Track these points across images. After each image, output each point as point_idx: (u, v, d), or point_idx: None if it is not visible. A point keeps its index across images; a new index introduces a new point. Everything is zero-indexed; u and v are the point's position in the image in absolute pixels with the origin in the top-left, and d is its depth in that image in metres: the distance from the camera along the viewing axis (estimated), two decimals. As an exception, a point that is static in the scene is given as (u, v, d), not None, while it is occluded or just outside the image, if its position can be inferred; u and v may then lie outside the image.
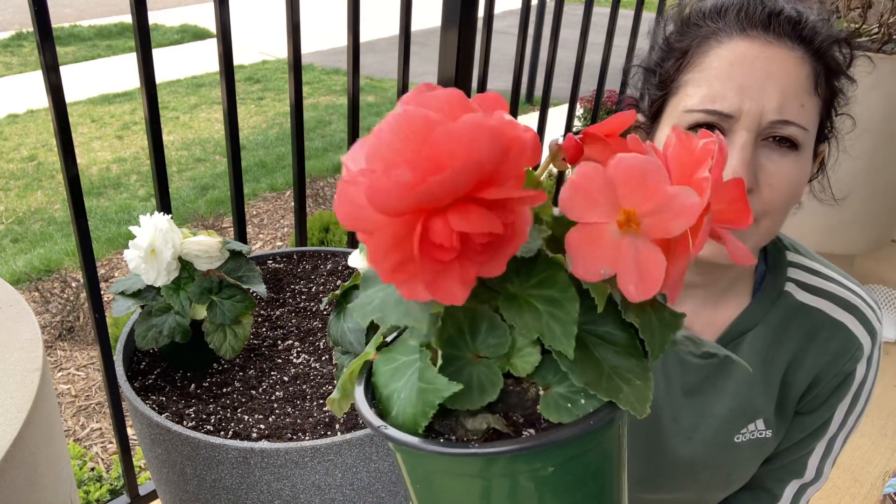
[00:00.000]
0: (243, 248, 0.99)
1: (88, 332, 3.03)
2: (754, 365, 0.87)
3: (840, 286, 0.87)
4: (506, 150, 0.27)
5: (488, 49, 1.76)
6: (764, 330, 0.86)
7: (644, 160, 0.31)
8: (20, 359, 0.87)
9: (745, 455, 0.91)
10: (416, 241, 0.26)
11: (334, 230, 2.92)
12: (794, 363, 0.87)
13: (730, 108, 0.71)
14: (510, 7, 8.01)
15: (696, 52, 0.75)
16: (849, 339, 0.85)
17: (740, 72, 0.71)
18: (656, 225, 0.30)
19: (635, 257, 0.31)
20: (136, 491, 1.62)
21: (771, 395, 0.88)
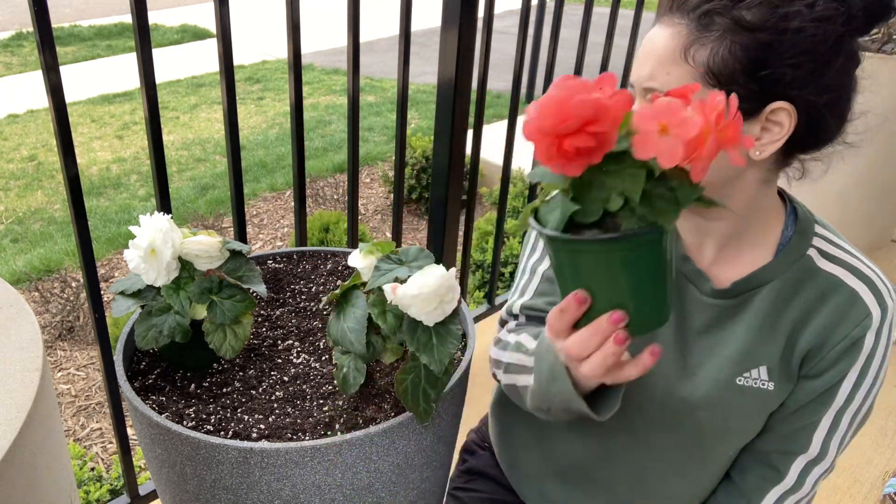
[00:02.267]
0: (243, 247, 0.99)
1: (88, 332, 3.04)
2: (764, 315, 0.92)
3: (859, 261, 0.93)
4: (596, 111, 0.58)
5: (488, 49, 1.77)
6: (779, 285, 0.92)
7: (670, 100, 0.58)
8: (20, 359, 0.87)
9: (745, 402, 0.94)
10: (554, 150, 0.60)
11: (334, 230, 2.92)
12: (802, 320, 0.92)
13: (631, 80, 0.88)
14: (510, 7, 8.01)
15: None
16: (860, 305, 0.90)
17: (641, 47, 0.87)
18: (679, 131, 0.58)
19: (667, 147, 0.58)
20: (136, 491, 1.63)
21: (776, 347, 0.92)
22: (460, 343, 0.88)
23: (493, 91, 6.56)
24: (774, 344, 0.93)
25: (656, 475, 1.03)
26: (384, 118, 5.88)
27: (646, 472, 1.03)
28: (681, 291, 0.95)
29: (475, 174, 1.97)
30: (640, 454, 1.02)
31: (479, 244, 3.34)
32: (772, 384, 0.93)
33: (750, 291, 0.93)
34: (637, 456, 1.03)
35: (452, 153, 1.79)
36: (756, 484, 0.99)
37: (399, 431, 0.85)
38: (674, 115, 0.57)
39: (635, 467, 1.03)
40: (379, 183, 4.72)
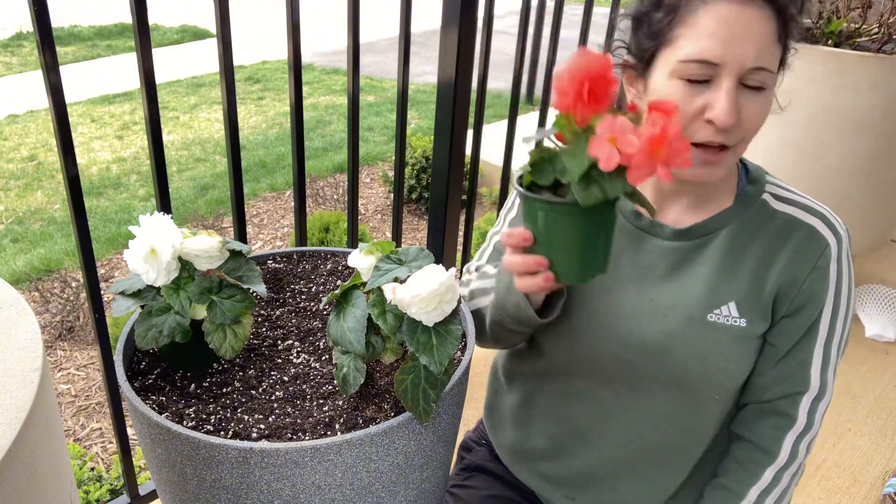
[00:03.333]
0: (243, 247, 0.99)
1: (88, 332, 3.04)
2: (726, 254, 1.00)
3: (810, 200, 1.02)
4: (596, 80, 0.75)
5: (488, 49, 1.77)
6: (738, 227, 1.01)
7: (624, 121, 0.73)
8: (20, 359, 0.87)
9: (720, 339, 0.99)
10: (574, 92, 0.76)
11: (334, 230, 2.92)
12: (766, 259, 0.99)
13: (717, 59, 0.88)
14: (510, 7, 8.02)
15: (685, 8, 0.91)
16: (817, 237, 0.98)
17: (725, 29, 0.88)
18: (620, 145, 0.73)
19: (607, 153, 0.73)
20: (136, 491, 1.63)
21: (741, 284, 0.99)
22: (460, 343, 0.88)
23: (493, 91, 6.57)
24: (739, 281, 0.99)
25: (648, 427, 1.06)
26: (384, 118, 5.88)
27: (638, 426, 1.07)
28: (639, 243, 1.03)
29: (475, 174, 1.97)
30: (629, 406, 1.06)
31: (479, 244, 3.34)
32: (743, 320, 0.99)
33: (710, 234, 1.01)
34: (627, 408, 1.06)
35: (452, 153, 1.79)
36: (771, 434, 1.03)
37: (399, 431, 0.85)
38: (621, 133, 0.72)
39: (626, 421, 1.07)
40: (379, 183, 4.72)
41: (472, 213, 2.00)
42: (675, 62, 0.91)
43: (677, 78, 0.91)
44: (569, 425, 1.12)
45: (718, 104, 0.89)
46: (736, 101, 0.89)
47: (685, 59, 0.90)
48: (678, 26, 0.91)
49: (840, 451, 2.08)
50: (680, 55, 0.90)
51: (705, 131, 0.91)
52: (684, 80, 0.91)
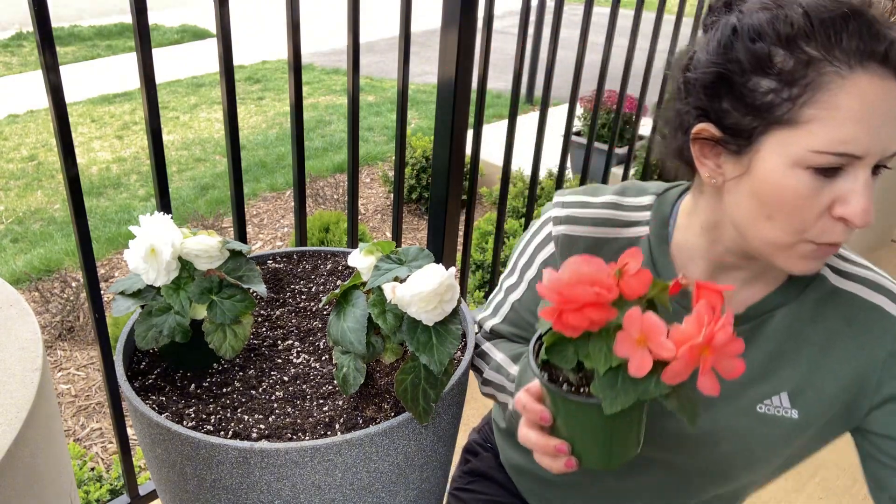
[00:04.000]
0: (243, 247, 0.99)
1: (88, 332, 3.04)
2: (781, 339, 0.89)
3: (871, 271, 0.90)
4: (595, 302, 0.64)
5: (488, 49, 1.77)
6: (797, 308, 0.89)
7: (656, 320, 0.63)
8: (20, 359, 0.87)
9: (769, 431, 0.90)
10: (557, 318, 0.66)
11: (334, 230, 2.92)
12: (827, 345, 0.88)
13: (861, 150, 0.72)
14: (510, 7, 8.02)
15: (817, 83, 0.72)
16: (887, 318, 0.86)
17: (870, 114, 0.71)
18: (652, 348, 0.63)
19: (638, 357, 0.63)
20: (136, 491, 1.63)
21: (798, 372, 0.89)
22: (460, 343, 0.88)
23: (493, 91, 6.57)
24: (794, 369, 0.89)
25: (673, 492, 1.01)
26: (384, 118, 5.88)
27: (663, 490, 1.01)
28: None
29: (475, 174, 1.97)
30: (659, 475, 1.00)
31: (479, 244, 3.34)
32: (795, 412, 0.89)
33: (764, 315, 0.89)
34: (656, 475, 1.00)
35: (452, 153, 1.79)
36: None
37: (399, 431, 0.85)
38: (653, 334, 0.62)
39: (653, 485, 1.01)
40: (379, 183, 4.72)
41: (472, 213, 2.00)
42: (806, 151, 0.73)
43: (803, 168, 0.74)
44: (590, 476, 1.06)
45: (857, 201, 0.74)
46: (872, 195, 0.75)
47: (822, 151, 0.72)
48: (809, 106, 0.72)
49: (840, 451, 2.07)
50: (814, 144, 0.72)
51: (835, 231, 0.76)
52: (812, 172, 0.73)
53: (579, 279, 0.64)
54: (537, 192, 3.65)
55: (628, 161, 2.63)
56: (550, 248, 0.99)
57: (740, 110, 0.76)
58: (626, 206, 0.97)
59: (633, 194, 0.98)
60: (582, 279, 0.64)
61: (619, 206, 0.97)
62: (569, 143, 2.22)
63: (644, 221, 0.95)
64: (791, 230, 0.76)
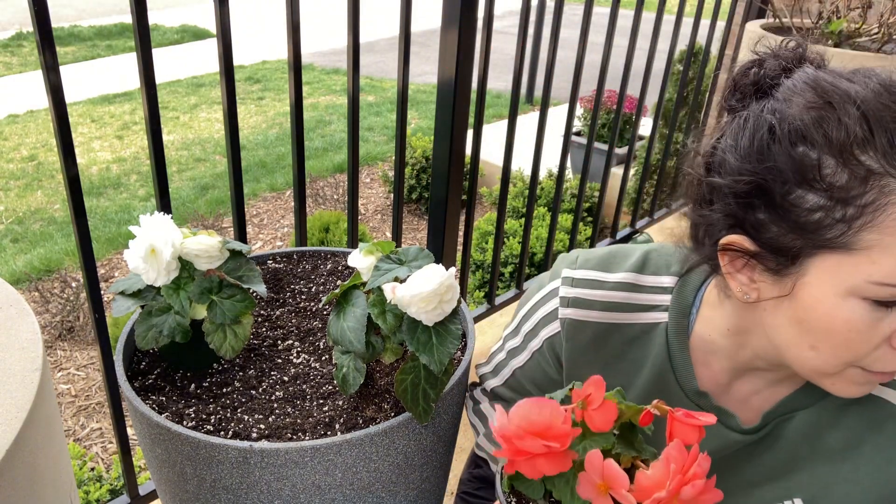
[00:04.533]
0: (243, 247, 0.99)
1: (88, 332, 3.04)
2: (798, 444, 0.81)
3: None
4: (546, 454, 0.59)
5: (488, 49, 1.77)
6: (818, 412, 0.80)
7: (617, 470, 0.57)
8: (20, 359, 0.87)
9: None
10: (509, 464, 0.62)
11: (334, 230, 2.92)
12: (854, 453, 0.79)
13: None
14: (510, 7, 8.01)
15: (874, 205, 0.61)
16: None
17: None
18: (617, 498, 0.57)
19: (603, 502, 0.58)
20: (136, 491, 1.63)
21: (815, 479, 0.81)
22: (460, 343, 0.88)
23: (493, 91, 6.57)
24: (813, 475, 0.81)
25: None
26: (384, 118, 5.88)
27: None
28: None
29: (475, 174, 1.97)
30: None
31: (479, 244, 3.34)
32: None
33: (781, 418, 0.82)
34: None
35: (452, 153, 1.79)
36: None
37: (399, 431, 0.85)
38: (614, 485, 0.57)
39: None
40: (379, 183, 4.72)
41: (472, 213, 2.00)
42: (865, 282, 0.62)
43: (860, 299, 0.64)
44: None
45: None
46: None
47: (885, 283, 0.62)
48: (869, 230, 0.61)
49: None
50: (875, 275, 0.62)
51: (890, 360, 0.66)
52: (870, 303, 0.63)
53: (528, 429, 0.58)
54: (537, 192, 3.65)
55: (628, 161, 2.63)
56: (556, 326, 0.90)
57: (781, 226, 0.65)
58: (644, 287, 0.86)
59: (653, 271, 0.87)
60: (532, 429, 0.58)
61: (637, 286, 0.86)
62: (569, 143, 2.22)
63: (663, 306, 0.84)
64: (840, 362, 0.68)
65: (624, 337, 0.86)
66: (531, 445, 0.58)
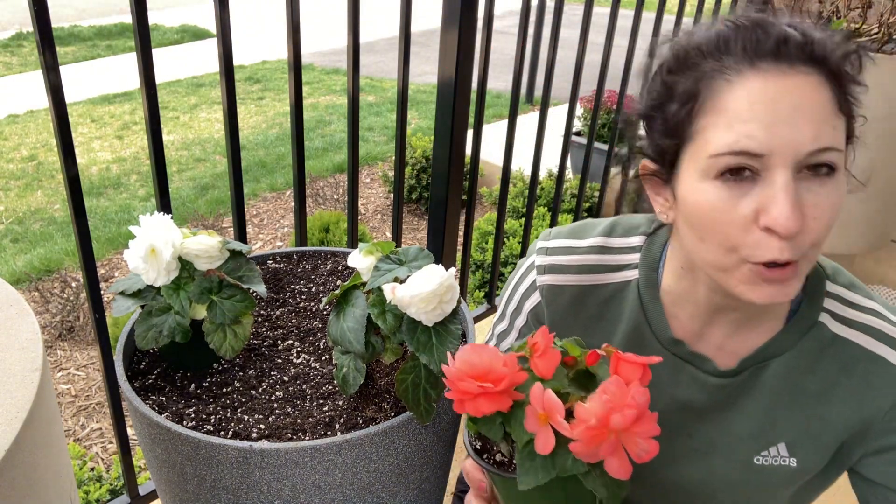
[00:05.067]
0: (243, 247, 0.99)
1: (88, 332, 3.04)
2: (777, 390, 0.85)
3: (879, 318, 0.84)
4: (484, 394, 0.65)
5: (488, 49, 1.77)
6: (793, 357, 0.85)
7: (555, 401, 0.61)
8: (20, 359, 0.87)
9: (766, 480, 0.88)
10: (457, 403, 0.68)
11: (334, 230, 2.92)
12: (828, 395, 0.84)
13: (759, 147, 0.68)
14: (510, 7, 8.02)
15: (706, 93, 0.72)
16: (890, 370, 0.82)
17: (763, 109, 0.69)
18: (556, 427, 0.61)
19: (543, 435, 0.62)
20: (136, 491, 1.63)
21: (796, 423, 0.86)
22: (460, 343, 0.88)
23: (493, 91, 6.57)
24: (792, 421, 0.86)
25: None
26: (384, 118, 5.88)
27: None
28: (676, 374, 0.89)
29: (475, 174, 1.97)
30: None
31: (479, 244, 3.34)
32: (794, 460, 0.87)
33: (758, 365, 0.86)
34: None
35: (452, 153, 1.79)
36: None
37: (399, 431, 0.85)
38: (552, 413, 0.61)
39: None
40: (379, 183, 4.72)
41: (472, 213, 2.00)
42: (705, 159, 0.72)
43: (711, 179, 0.72)
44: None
45: (774, 206, 0.68)
46: (797, 198, 0.69)
47: (718, 153, 0.70)
48: (701, 115, 0.72)
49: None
50: (710, 150, 0.71)
51: (767, 245, 0.70)
52: (722, 181, 0.71)
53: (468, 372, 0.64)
54: (537, 192, 3.65)
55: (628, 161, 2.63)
56: (537, 296, 0.96)
57: (661, 136, 0.77)
58: (614, 248, 0.93)
59: (621, 233, 0.94)
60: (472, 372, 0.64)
61: (607, 248, 0.93)
62: (569, 143, 2.22)
63: (633, 264, 0.91)
64: (721, 249, 0.73)
65: (600, 297, 0.92)
66: (468, 386, 0.64)
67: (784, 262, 0.71)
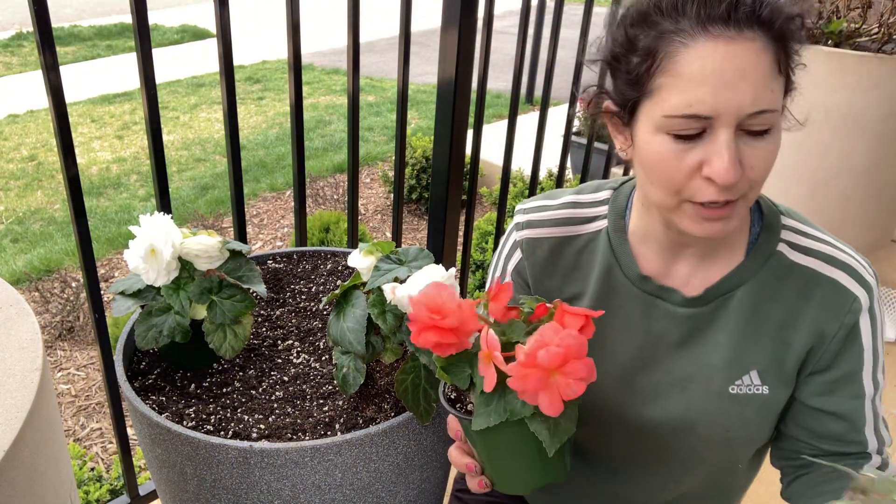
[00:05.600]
0: (243, 247, 0.99)
1: (88, 332, 3.04)
2: (744, 319, 0.92)
3: (831, 247, 0.92)
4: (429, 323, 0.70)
5: (488, 49, 1.77)
6: (755, 286, 0.92)
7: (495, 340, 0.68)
8: (20, 359, 0.87)
9: (742, 410, 0.93)
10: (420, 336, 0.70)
11: (334, 230, 2.92)
12: (791, 321, 0.91)
13: (707, 111, 0.76)
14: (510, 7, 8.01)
15: (664, 54, 0.79)
16: (844, 293, 0.89)
17: (713, 76, 0.76)
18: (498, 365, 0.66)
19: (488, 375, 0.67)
20: (136, 491, 1.63)
21: (764, 350, 0.92)
22: (460, 343, 0.88)
23: (493, 91, 6.56)
24: (761, 348, 0.91)
25: (658, 481, 1.02)
26: (384, 118, 5.88)
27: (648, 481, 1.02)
28: (648, 309, 0.94)
29: (475, 174, 1.97)
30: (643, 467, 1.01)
31: (479, 244, 3.34)
32: (766, 388, 0.92)
33: (724, 296, 0.92)
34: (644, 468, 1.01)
35: (452, 153, 1.79)
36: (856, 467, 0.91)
37: (399, 431, 0.85)
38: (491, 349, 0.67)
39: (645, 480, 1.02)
40: (379, 183, 4.72)
41: (472, 213, 2.00)
42: (660, 117, 0.79)
43: (664, 133, 0.80)
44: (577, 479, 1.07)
45: (717, 160, 0.77)
46: (736, 154, 0.78)
47: (670, 115, 0.78)
48: (658, 75, 0.79)
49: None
50: (664, 109, 0.79)
51: (706, 190, 0.79)
52: (672, 136, 0.79)
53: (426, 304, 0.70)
54: (537, 192, 3.65)
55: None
56: (518, 254, 1.02)
57: (624, 86, 0.84)
58: (584, 203, 1.01)
59: (590, 191, 1.03)
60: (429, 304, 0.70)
61: (577, 203, 1.01)
62: (569, 143, 2.22)
63: (602, 216, 0.99)
64: (667, 191, 0.82)
65: (574, 248, 1.00)
66: (423, 316, 0.69)
67: (722, 202, 0.80)
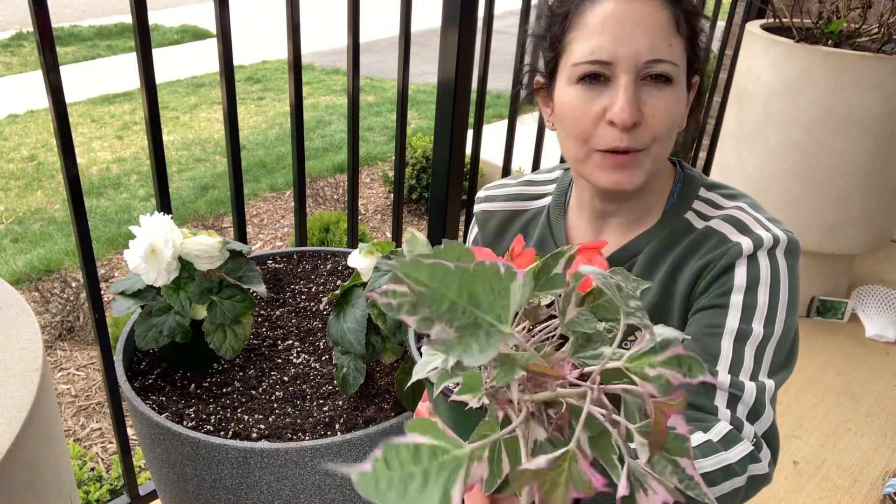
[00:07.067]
0: (243, 248, 0.99)
1: (88, 332, 3.04)
2: (641, 272, 0.98)
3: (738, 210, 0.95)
4: None
5: (488, 49, 1.76)
6: (656, 245, 0.98)
7: None
8: (20, 359, 0.87)
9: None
10: None
11: (334, 230, 2.92)
12: (674, 270, 0.96)
13: (608, 56, 0.85)
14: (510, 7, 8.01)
15: (574, 13, 0.89)
16: (725, 241, 0.93)
17: (612, 25, 0.85)
18: None
19: None
20: (136, 491, 1.62)
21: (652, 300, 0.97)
22: (460, 343, 0.88)
23: (493, 91, 6.56)
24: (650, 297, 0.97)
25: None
26: (384, 118, 5.88)
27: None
28: None
29: (475, 174, 1.97)
30: None
31: (479, 244, 3.34)
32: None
33: (632, 259, 0.98)
34: None
35: (452, 153, 1.79)
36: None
37: (399, 431, 0.85)
38: None
39: None
40: (379, 183, 4.72)
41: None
42: (570, 67, 0.88)
43: (575, 83, 0.88)
44: None
45: (616, 103, 0.85)
46: (634, 97, 0.85)
47: (577, 62, 0.87)
48: (569, 31, 0.89)
49: (840, 451, 2.08)
50: (573, 59, 0.88)
51: (609, 135, 0.87)
52: (581, 85, 0.88)
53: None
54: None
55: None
56: (474, 225, 1.12)
57: (547, 52, 0.93)
58: (537, 181, 1.10)
59: (545, 171, 1.12)
60: None
61: (531, 182, 1.10)
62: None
63: (550, 193, 1.08)
64: (578, 141, 0.89)
65: (521, 222, 1.07)
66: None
67: (623, 149, 0.86)
